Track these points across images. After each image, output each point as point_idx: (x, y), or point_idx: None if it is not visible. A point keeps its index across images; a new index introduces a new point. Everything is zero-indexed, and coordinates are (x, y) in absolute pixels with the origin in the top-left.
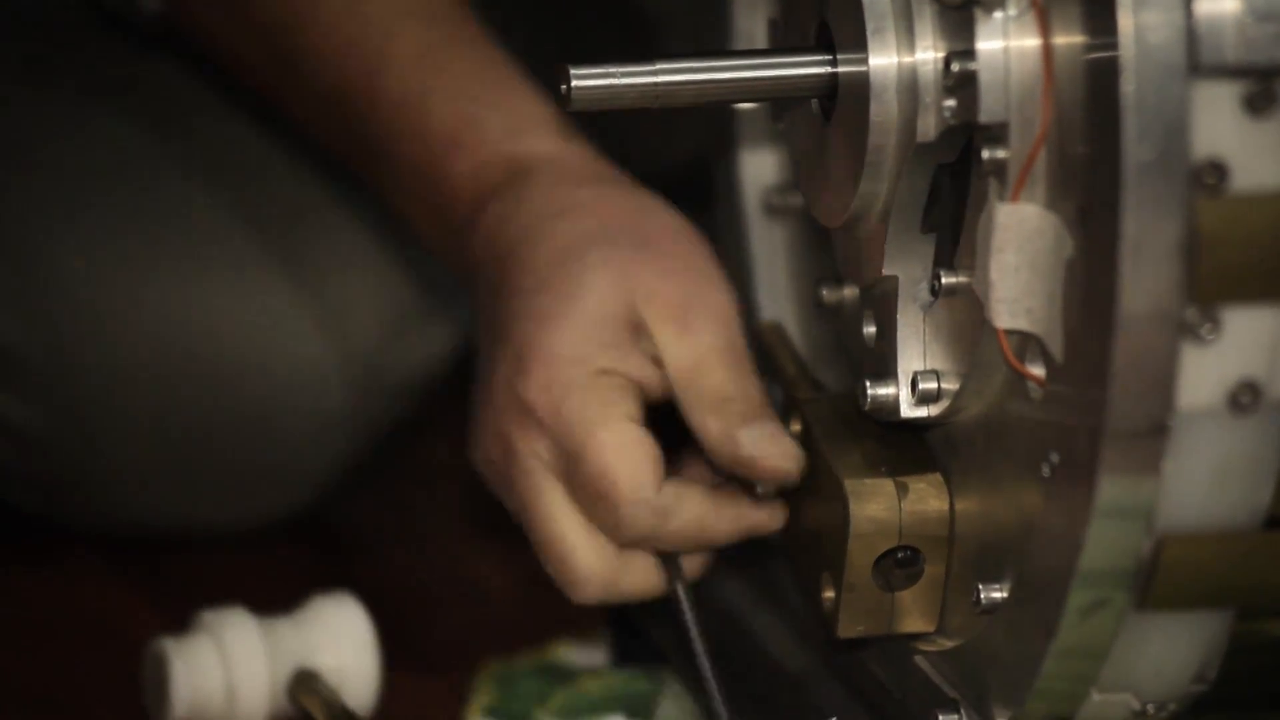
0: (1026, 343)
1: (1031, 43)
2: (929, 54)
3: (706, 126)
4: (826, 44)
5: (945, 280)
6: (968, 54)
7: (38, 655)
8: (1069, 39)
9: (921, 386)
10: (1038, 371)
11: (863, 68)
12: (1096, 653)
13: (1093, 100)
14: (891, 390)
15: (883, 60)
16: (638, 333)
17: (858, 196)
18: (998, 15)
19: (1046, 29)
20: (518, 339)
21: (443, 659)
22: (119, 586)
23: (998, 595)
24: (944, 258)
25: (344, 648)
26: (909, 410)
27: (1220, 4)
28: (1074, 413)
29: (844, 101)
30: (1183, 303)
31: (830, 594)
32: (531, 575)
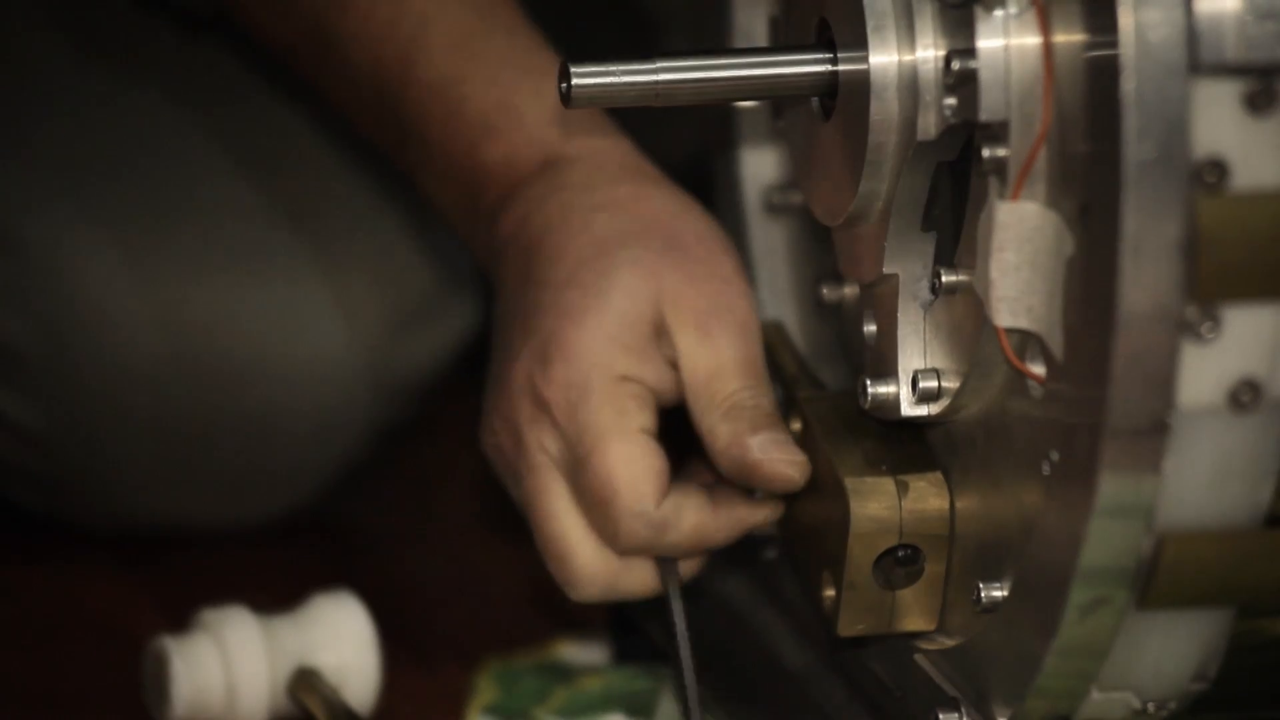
0: (1027, 341)
1: (1032, 41)
2: (929, 52)
3: (707, 125)
4: (827, 42)
5: (946, 279)
6: (968, 52)
7: (38, 653)
8: (1069, 37)
9: (922, 385)
10: (1038, 370)
11: (863, 66)
12: (1097, 651)
13: (1093, 99)
14: (892, 389)
15: (883, 58)
16: (659, 335)
17: (858, 195)
18: (998, 13)
19: (1047, 27)
20: (542, 332)
21: (443, 657)
22: (120, 584)
23: (998, 594)
24: (944, 256)
25: (344, 646)
26: (909, 409)
27: (1221, 2)
28: (1074, 411)
29: (844, 100)
30: (1183, 301)
31: (831, 592)
32: (532, 573)
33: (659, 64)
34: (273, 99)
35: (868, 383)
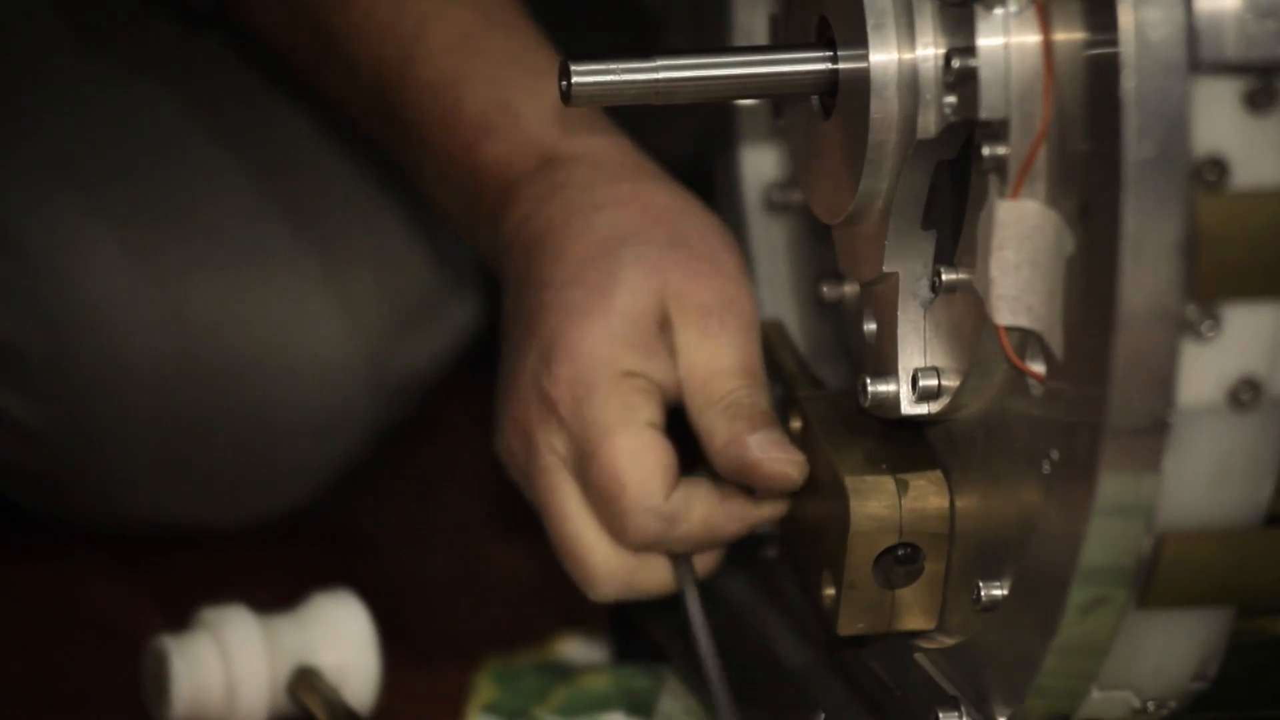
0: (1027, 340)
1: (1032, 39)
2: (929, 50)
3: (707, 123)
4: (827, 40)
5: (946, 277)
6: (968, 50)
7: (38, 652)
8: (1069, 35)
9: (922, 383)
10: (1038, 368)
11: (863, 64)
12: (1097, 650)
13: (1093, 97)
14: (892, 387)
15: (883, 57)
16: (664, 331)
17: (858, 193)
18: (998, 11)
19: (1047, 25)
20: (547, 332)
21: (443, 656)
22: (120, 583)
23: (998, 593)
24: (944, 254)
25: (344, 645)
26: (909, 407)
27: (1221, 1)
28: (1074, 410)
29: (844, 98)
30: (1183, 300)
31: (831, 591)
32: (533, 572)
33: (659, 62)
34: (274, 98)
35: (867, 381)
